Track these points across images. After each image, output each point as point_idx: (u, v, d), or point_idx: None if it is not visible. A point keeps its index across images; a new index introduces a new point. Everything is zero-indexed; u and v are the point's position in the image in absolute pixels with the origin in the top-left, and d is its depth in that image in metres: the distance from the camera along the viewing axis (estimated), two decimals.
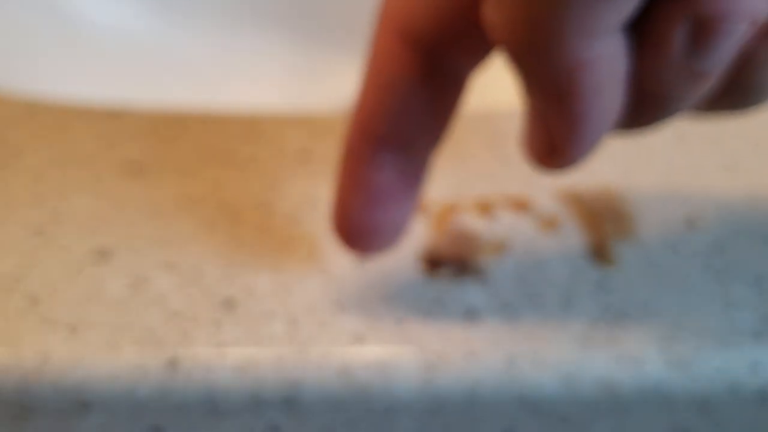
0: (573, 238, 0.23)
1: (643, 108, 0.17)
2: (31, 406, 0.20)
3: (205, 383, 0.20)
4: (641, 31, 0.16)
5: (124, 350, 0.20)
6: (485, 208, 0.24)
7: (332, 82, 0.38)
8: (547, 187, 0.25)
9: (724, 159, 0.26)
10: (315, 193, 0.24)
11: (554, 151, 0.17)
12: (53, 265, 0.22)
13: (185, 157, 0.26)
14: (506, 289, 0.22)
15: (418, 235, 0.23)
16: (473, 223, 0.24)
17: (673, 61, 0.16)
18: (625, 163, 0.26)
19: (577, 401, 0.20)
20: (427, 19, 0.17)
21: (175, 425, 0.20)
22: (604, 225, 0.23)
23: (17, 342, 0.20)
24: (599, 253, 0.23)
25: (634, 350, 0.20)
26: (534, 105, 0.17)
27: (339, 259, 0.22)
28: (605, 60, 0.15)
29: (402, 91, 0.18)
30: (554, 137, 0.17)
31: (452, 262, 0.22)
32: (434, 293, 0.21)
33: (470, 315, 0.21)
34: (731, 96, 0.17)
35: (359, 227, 0.20)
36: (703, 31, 0.15)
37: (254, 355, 0.20)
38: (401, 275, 0.22)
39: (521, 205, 0.24)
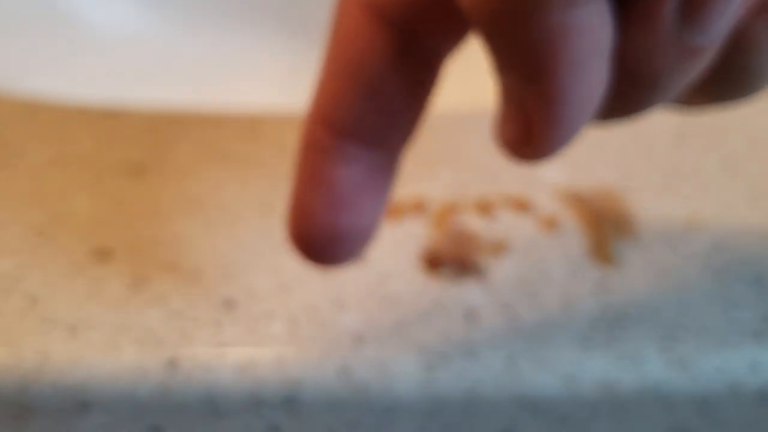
0: (573, 238, 0.23)
1: (630, 91, 0.15)
2: (31, 406, 0.20)
3: (205, 383, 0.20)
4: (628, 2, 0.14)
5: (124, 350, 0.20)
6: (485, 208, 0.24)
7: None
8: (547, 187, 0.25)
9: (724, 159, 0.26)
10: None
11: (530, 138, 0.15)
12: (53, 265, 0.22)
13: (185, 157, 0.26)
14: (506, 289, 0.22)
15: (418, 235, 0.23)
16: (473, 223, 0.24)
17: (662, 35, 0.14)
18: (625, 163, 0.26)
19: (577, 401, 0.20)
20: None
21: (175, 425, 0.20)
22: (604, 225, 0.23)
23: (17, 342, 0.20)
24: (599, 253, 0.23)
25: (634, 350, 0.20)
26: (509, 86, 0.15)
27: None
28: (588, 30, 0.14)
29: (370, 74, 0.16)
30: (531, 122, 0.15)
31: (452, 262, 0.22)
32: (434, 293, 0.21)
33: (470, 315, 0.21)
34: (723, 82, 0.16)
35: (321, 233, 0.17)
36: (695, 2, 0.14)
37: (254, 355, 0.20)
38: (401, 275, 0.22)
39: (521, 205, 0.24)
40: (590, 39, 0.14)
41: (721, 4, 0.14)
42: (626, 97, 0.15)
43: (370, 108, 0.16)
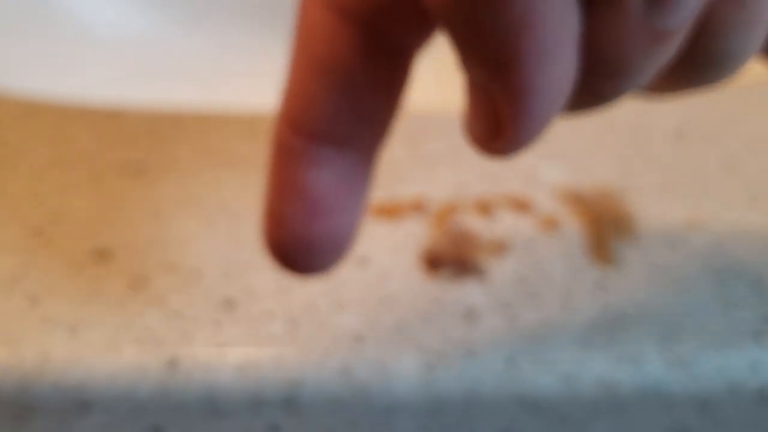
0: (573, 238, 0.23)
1: (598, 80, 0.15)
2: (31, 406, 0.20)
3: (205, 383, 0.20)
4: None
5: (124, 350, 0.20)
6: (485, 208, 0.24)
7: None
8: (547, 187, 0.25)
9: (724, 159, 0.26)
10: None
11: (500, 132, 0.15)
12: (53, 265, 0.22)
13: (185, 157, 0.26)
14: (506, 289, 0.22)
15: (418, 235, 0.23)
16: (473, 223, 0.24)
17: (630, 20, 0.14)
18: (625, 163, 0.26)
19: (577, 401, 0.20)
20: None
21: (175, 425, 0.20)
22: (604, 225, 0.23)
23: (17, 342, 0.20)
24: (599, 253, 0.23)
25: (634, 350, 0.20)
26: (475, 80, 0.15)
27: None
28: (553, 17, 0.13)
29: (337, 72, 0.15)
30: (499, 115, 0.14)
31: (452, 262, 0.22)
32: (434, 293, 0.21)
33: (470, 315, 0.21)
34: (692, 67, 0.15)
35: (297, 242, 0.16)
36: None
37: (254, 355, 0.20)
38: (401, 275, 0.22)
39: (521, 205, 0.24)
40: (555, 27, 0.13)
41: None
42: (595, 86, 0.15)
43: (340, 108, 0.16)
